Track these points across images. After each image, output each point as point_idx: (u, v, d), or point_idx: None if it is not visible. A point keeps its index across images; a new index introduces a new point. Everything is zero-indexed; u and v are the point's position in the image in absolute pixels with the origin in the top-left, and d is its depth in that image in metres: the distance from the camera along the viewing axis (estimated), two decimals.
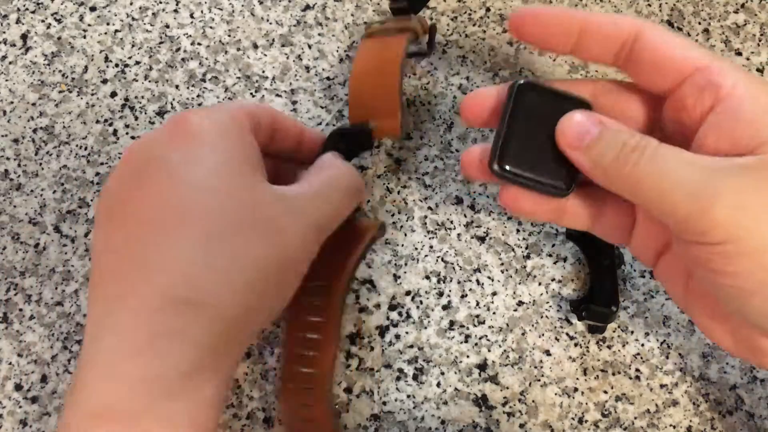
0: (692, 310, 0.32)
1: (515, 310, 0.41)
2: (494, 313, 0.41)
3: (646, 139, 0.28)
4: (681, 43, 0.30)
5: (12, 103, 0.46)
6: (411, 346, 0.40)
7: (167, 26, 0.48)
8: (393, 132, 0.38)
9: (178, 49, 0.48)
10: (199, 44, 0.48)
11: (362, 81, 0.40)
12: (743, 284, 0.27)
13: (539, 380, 0.40)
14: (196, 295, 0.28)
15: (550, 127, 0.31)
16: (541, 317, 0.41)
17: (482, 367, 0.40)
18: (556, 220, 0.34)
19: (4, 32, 0.48)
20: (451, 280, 0.42)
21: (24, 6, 0.49)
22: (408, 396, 0.40)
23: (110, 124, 0.46)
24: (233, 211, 0.29)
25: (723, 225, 0.26)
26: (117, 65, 0.47)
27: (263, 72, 0.47)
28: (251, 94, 0.46)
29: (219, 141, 0.31)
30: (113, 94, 0.46)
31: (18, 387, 0.40)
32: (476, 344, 0.40)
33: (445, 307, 0.41)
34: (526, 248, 0.43)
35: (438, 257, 0.42)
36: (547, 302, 0.41)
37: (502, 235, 0.43)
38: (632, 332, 0.41)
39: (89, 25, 0.48)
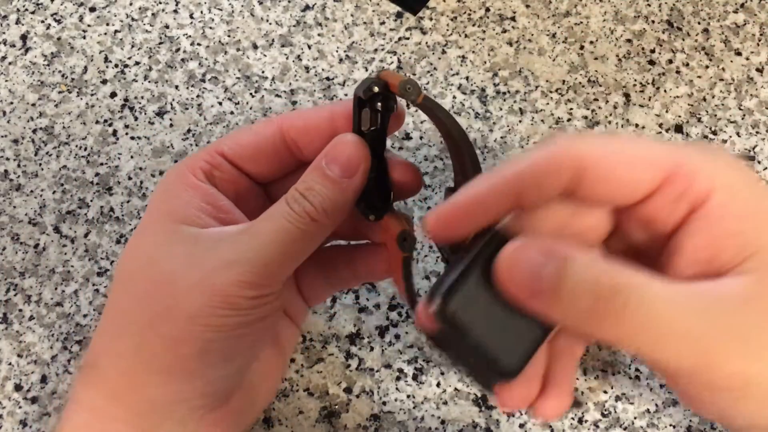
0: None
1: None
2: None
3: (621, 270, 0.23)
4: (634, 154, 0.25)
5: (12, 103, 0.46)
6: (411, 346, 0.40)
7: (167, 27, 0.48)
8: None
9: (177, 50, 0.48)
10: (198, 44, 0.48)
11: None
12: (753, 425, 0.24)
13: None
14: (91, 359, 0.30)
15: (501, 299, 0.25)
16: None
17: None
18: None
19: (4, 33, 0.48)
20: None
21: (24, 6, 0.49)
22: (408, 396, 0.40)
23: (110, 125, 0.46)
24: (129, 273, 0.30)
25: (734, 375, 0.23)
26: (117, 65, 0.47)
27: (263, 72, 0.47)
28: (251, 94, 0.46)
29: (150, 204, 0.31)
30: (113, 95, 0.46)
31: (18, 387, 0.40)
32: None
33: None
34: None
35: (438, 257, 0.42)
36: None
37: None
38: None
39: (89, 25, 0.48)
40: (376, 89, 0.28)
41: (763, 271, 0.23)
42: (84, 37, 0.48)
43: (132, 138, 0.45)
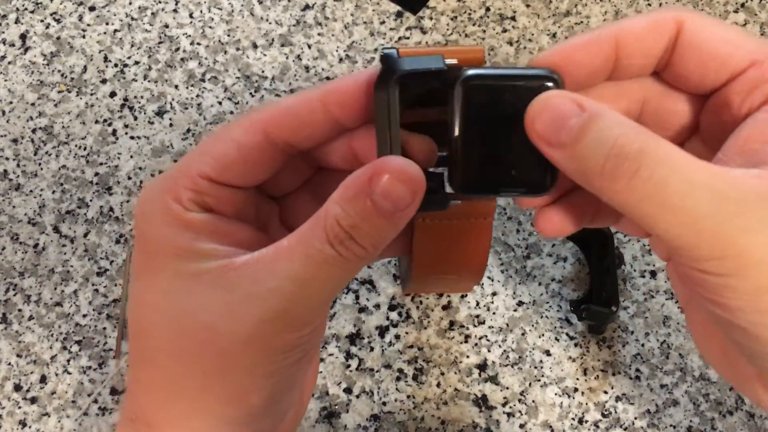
0: (690, 319, 0.30)
1: (515, 310, 0.41)
2: (494, 313, 0.41)
3: (645, 137, 0.23)
4: (730, 34, 0.25)
5: (11, 103, 0.46)
6: (411, 346, 0.40)
7: (166, 26, 0.48)
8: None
9: (177, 49, 0.48)
10: (198, 44, 0.48)
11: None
12: (740, 321, 0.24)
13: (539, 380, 0.40)
14: (141, 414, 0.28)
15: (513, 117, 0.25)
16: (541, 317, 0.41)
17: (482, 367, 0.40)
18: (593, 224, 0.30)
19: (3, 32, 0.48)
20: None
21: (23, 6, 0.49)
22: (408, 396, 0.40)
23: (109, 124, 0.45)
24: (159, 327, 0.27)
25: (728, 258, 0.23)
26: (116, 65, 0.47)
27: (263, 72, 0.47)
28: (251, 93, 0.46)
29: (145, 244, 0.27)
30: (112, 94, 0.46)
31: (17, 387, 0.40)
32: (476, 344, 0.40)
33: (445, 308, 0.41)
34: (526, 248, 0.43)
35: None
36: (547, 302, 0.41)
37: (502, 235, 0.43)
38: (632, 332, 0.41)
39: (88, 24, 0.48)
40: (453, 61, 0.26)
41: None
42: (83, 37, 0.48)
43: (132, 138, 0.45)
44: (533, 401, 0.39)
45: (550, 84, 0.25)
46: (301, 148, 0.28)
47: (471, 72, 0.25)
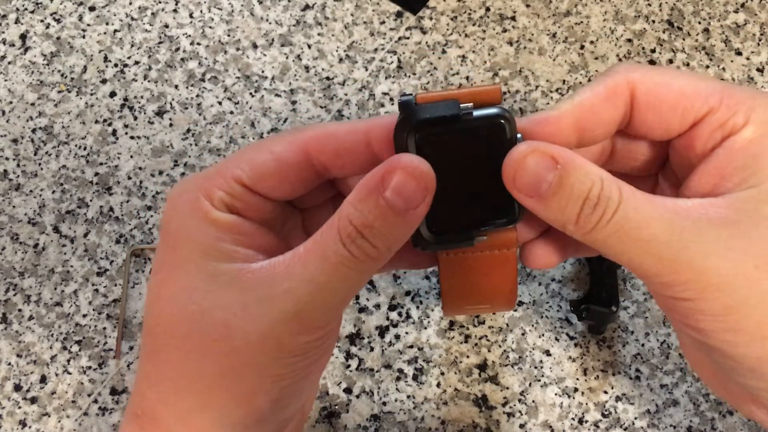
0: (682, 342, 0.31)
1: (515, 310, 0.41)
2: (494, 312, 0.41)
3: (609, 184, 0.25)
4: (683, 84, 0.26)
5: (11, 103, 0.46)
6: (411, 346, 0.40)
7: (166, 26, 0.48)
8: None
9: (177, 49, 0.48)
10: (198, 44, 0.48)
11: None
12: (713, 342, 0.25)
13: (539, 380, 0.40)
14: (149, 410, 0.28)
15: (473, 157, 0.26)
16: (541, 317, 0.41)
17: (482, 367, 0.40)
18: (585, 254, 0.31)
19: (3, 32, 0.48)
20: None
21: (23, 6, 0.49)
22: (408, 396, 0.40)
23: (109, 124, 0.45)
24: (175, 322, 0.27)
25: (691, 282, 0.24)
26: (116, 65, 0.47)
27: (263, 72, 0.47)
28: (251, 93, 0.46)
29: (170, 238, 0.27)
30: (112, 94, 0.46)
31: (17, 387, 0.40)
32: (476, 344, 0.40)
33: None
34: None
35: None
36: (547, 302, 0.41)
37: None
38: (632, 332, 0.41)
39: (88, 24, 0.48)
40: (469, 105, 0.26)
41: (744, 201, 0.25)
42: (83, 37, 0.48)
43: (131, 138, 0.45)
44: (533, 401, 0.39)
45: (503, 121, 0.26)
46: (336, 175, 0.29)
47: (424, 116, 0.25)
